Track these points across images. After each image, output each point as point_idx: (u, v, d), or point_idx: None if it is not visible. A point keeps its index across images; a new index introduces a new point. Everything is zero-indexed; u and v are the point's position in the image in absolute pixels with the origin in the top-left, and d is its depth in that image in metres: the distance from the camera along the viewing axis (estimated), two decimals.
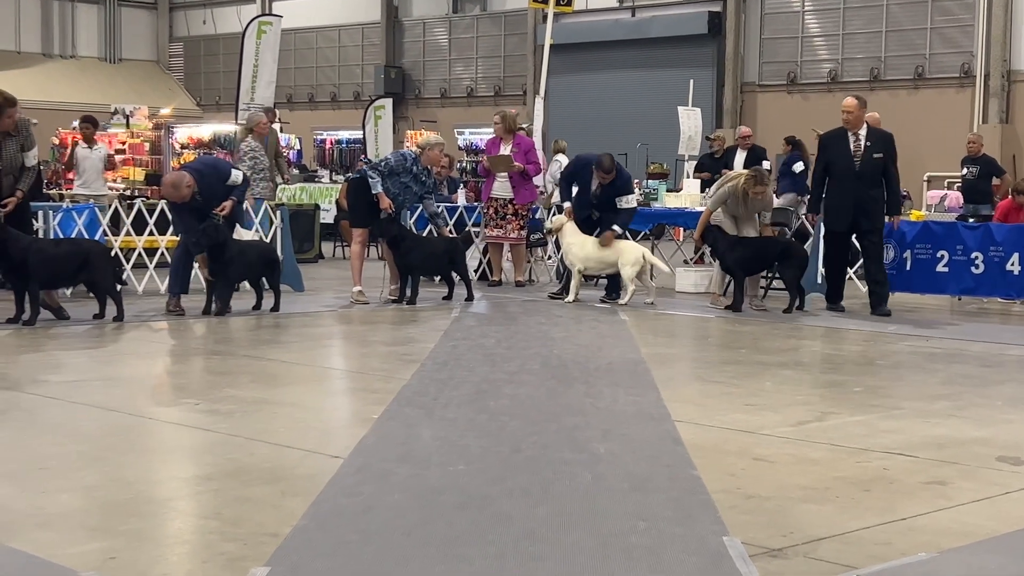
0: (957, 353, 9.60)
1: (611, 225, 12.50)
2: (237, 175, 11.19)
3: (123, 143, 21.29)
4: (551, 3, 19.38)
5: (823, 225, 12.41)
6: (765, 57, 30.13)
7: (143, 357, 9.11)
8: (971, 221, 14.34)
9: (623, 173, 12.90)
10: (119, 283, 10.73)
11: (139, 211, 13.04)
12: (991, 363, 9.14)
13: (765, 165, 16.14)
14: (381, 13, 37.39)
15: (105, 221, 12.69)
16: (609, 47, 31.86)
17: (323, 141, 33.21)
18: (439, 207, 13.21)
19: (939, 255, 12.57)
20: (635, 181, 14.08)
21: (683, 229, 17.18)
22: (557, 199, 15.62)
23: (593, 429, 6.20)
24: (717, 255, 12.62)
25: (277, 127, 20.58)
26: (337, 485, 4.98)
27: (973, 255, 12.41)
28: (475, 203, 16.45)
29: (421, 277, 12.97)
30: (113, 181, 19.09)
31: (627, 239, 12.96)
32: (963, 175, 17.92)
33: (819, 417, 6.75)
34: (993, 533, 4.50)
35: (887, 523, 4.59)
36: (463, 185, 19.68)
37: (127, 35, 42.14)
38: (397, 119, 28.11)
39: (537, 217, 15.58)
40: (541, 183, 16.09)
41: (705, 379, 8.37)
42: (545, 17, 21.53)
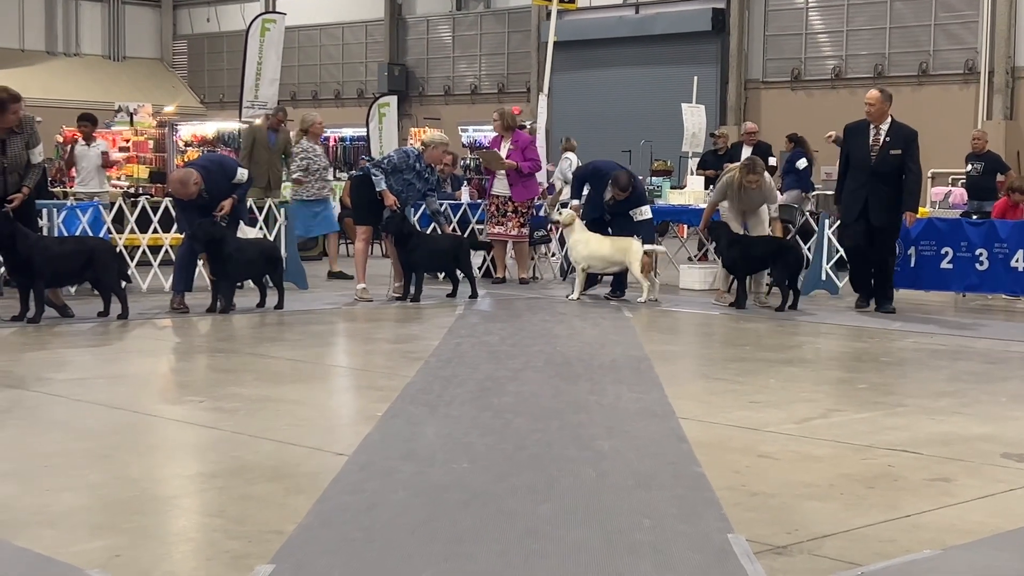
0: (961, 350, 9.59)
1: (632, 229, 12.64)
2: (243, 174, 11.20)
3: (127, 141, 21.33)
4: (555, 0, 19.34)
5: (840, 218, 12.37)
6: (769, 54, 30.10)
7: (147, 355, 9.12)
8: (975, 218, 14.33)
9: (638, 187, 13.00)
10: (124, 280, 10.74)
11: (143, 209, 13.05)
12: (995, 360, 9.13)
13: (771, 161, 16.14)
14: (385, 10, 37.39)
15: (109, 219, 12.70)
16: (613, 44, 31.83)
17: (327, 139, 33.25)
18: (442, 204, 13.21)
19: (943, 252, 12.55)
20: (639, 177, 14.06)
21: (687, 226, 17.16)
22: (565, 196, 15.61)
23: (597, 426, 6.20)
24: (718, 252, 12.64)
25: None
26: (341, 483, 4.98)
27: (977, 252, 12.39)
28: (479, 200, 16.44)
29: (425, 274, 12.99)
30: (117, 179, 19.12)
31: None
32: (968, 172, 17.90)
33: (823, 414, 6.74)
34: (998, 530, 4.50)
35: (892, 520, 4.59)
36: (467, 182, 19.67)
37: (131, 33, 42.16)
38: (401, 116, 28.05)
39: (541, 214, 15.57)
40: (545, 180, 16.08)
41: (709, 376, 8.37)
42: (549, 14, 21.52)
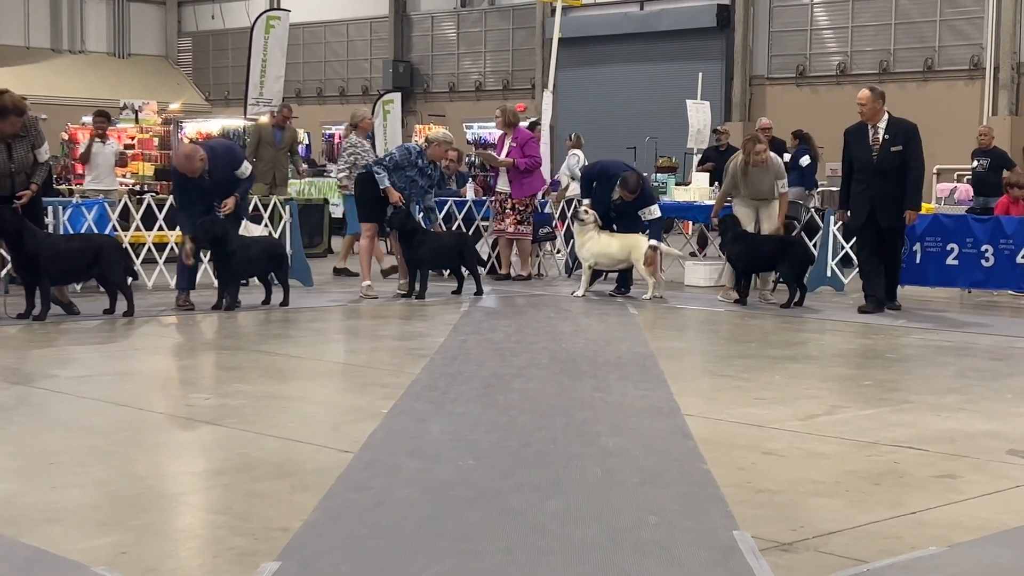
0: (967, 346, 9.58)
1: (639, 227, 12.72)
2: (246, 167, 11.22)
3: (132, 138, 21.36)
4: None
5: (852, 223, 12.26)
6: (774, 50, 30.06)
7: (153, 352, 9.13)
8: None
9: (646, 188, 13.02)
10: (130, 276, 10.75)
11: (148, 206, 13.06)
12: (1001, 356, 9.12)
13: (785, 157, 16.10)
14: (389, 7, 37.36)
15: (115, 216, 12.71)
16: (617, 40, 31.79)
17: (332, 136, 33.22)
18: (434, 202, 13.17)
19: (949, 248, 12.53)
20: (656, 200, 14.02)
21: (692, 223, 17.14)
22: (572, 193, 15.59)
23: (602, 423, 6.20)
24: (723, 246, 12.62)
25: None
26: (347, 480, 4.99)
27: (983, 248, 12.37)
28: (484, 197, 16.44)
29: (430, 271, 12.99)
30: (123, 176, 19.13)
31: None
32: (973, 168, 17.86)
33: (829, 411, 6.74)
34: (1004, 526, 4.49)
35: (897, 517, 4.58)
36: (471, 179, 19.66)
37: (136, 30, 42.18)
38: (405, 113, 28.04)
39: (546, 211, 15.56)
40: (548, 177, 16.07)
41: (715, 373, 8.36)
42: (553, 11, 21.49)
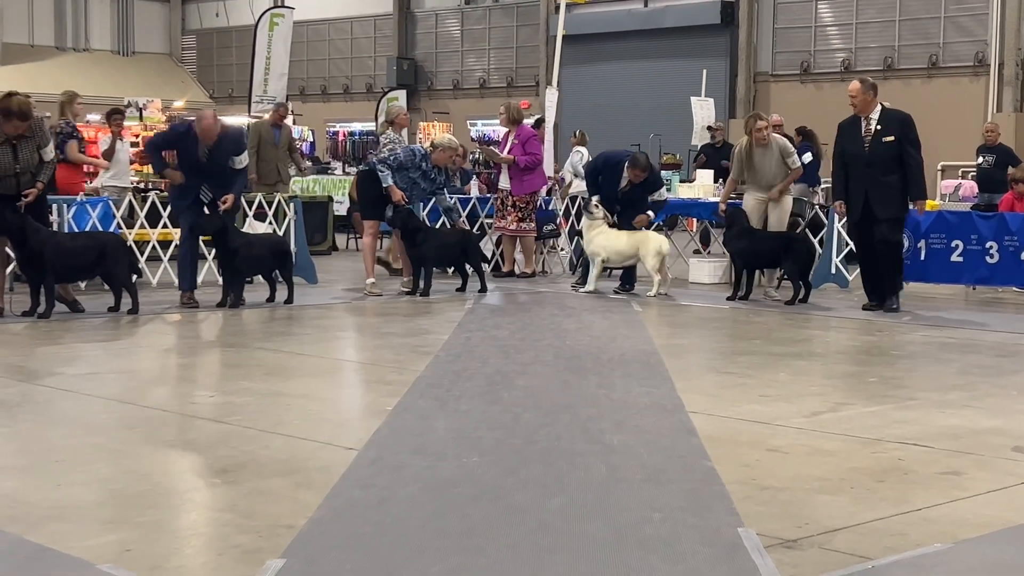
0: (972, 343, 9.57)
1: (645, 211, 12.74)
2: (244, 158, 11.27)
3: (136, 136, 21.34)
4: None
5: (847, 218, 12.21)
6: (778, 47, 30.02)
7: (158, 350, 9.14)
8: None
9: (653, 170, 13.04)
10: (134, 274, 10.76)
11: (152, 204, 13.07)
12: (1006, 353, 9.11)
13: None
14: (393, 4, 37.35)
15: (119, 214, 12.71)
16: (622, 37, 31.77)
17: (336, 133, 33.19)
18: (452, 200, 13.23)
19: (954, 244, 12.50)
20: (663, 184, 14.04)
21: (696, 220, 17.12)
22: (575, 190, 15.59)
23: (607, 420, 6.20)
24: (726, 240, 12.60)
25: (290, 120, 20.61)
26: (352, 477, 4.99)
27: (988, 245, 12.34)
28: (488, 195, 16.45)
29: (434, 269, 12.99)
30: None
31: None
32: (979, 164, 17.83)
33: (833, 408, 6.74)
34: (1009, 523, 4.49)
35: (902, 514, 4.58)
36: (476, 176, 19.66)
37: (140, 28, 42.19)
38: (410, 111, 28.04)
39: (550, 208, 15.56)
40: (552, 174, 16.07)
41: (719, 370, 8.36)
42: (557, 8, 21.52)
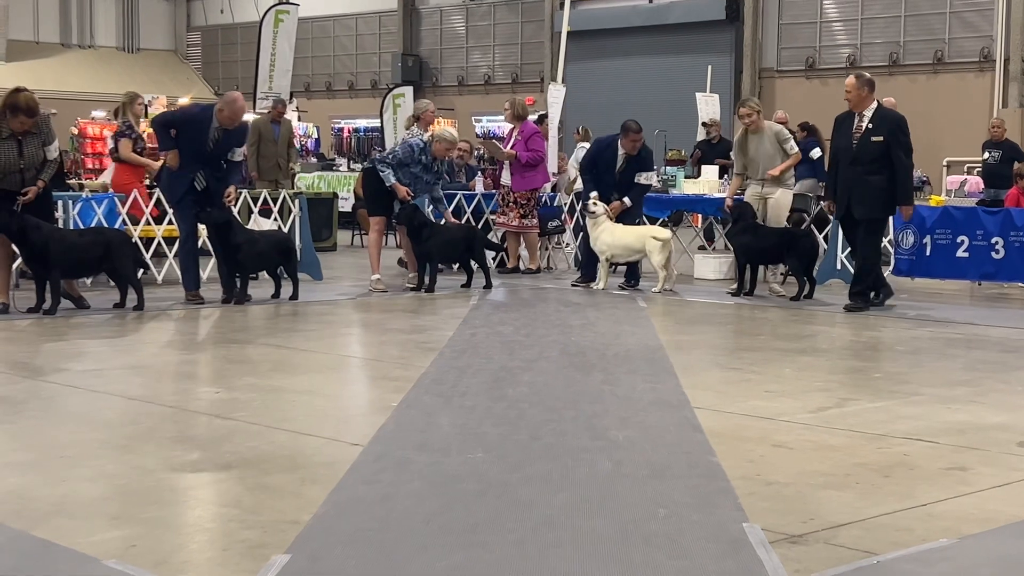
0: (977, 339, 9.56)
1: (621, 198, 12.75)
2: (243, 151, 11.32)
3: (142, 132, 21.32)
4: None
5: None
6: (783, 43, 29.99)
7: (163, 346, 9.15)
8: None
9: (646, 146, 13.00)
10: (141, 268, 10.77)
11: (158, 200, 13.07)
12: (1011, 348, 9.09)
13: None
14: (398, 1, 37.34)
15: (125, 210, 12.72)
16: (626, 34, 31.74)
17: (341, 129, 33.26)
18: (440, 192, 13.11)
19: (959, 240, 12.49)
20: (654, 168, 14.06)
21: (701, 216, 17.12)
22: (579, 186, 15.58)
23: (611, 416, 6.20)
24: (731, 235, 12.60)
25: (295, 116, 20.64)
26: (356, 473, 4.99)
27: (993, 240, 12.33)
28: (492, 191, 16.44)
29: (439, 265, 12.99)
30: None
31: (643, 223, 12.99)
32: (985, 159, 17.83)
33: (839, 403, 6.73)
34: (1014, 518, 4.48)
35: (907, 509, 4.58)
36: (480, 172, 19.65)
37: (145, 24, 42.21)
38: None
39: (555, 204, 15.55)
40: (555, 170, 16.06)
41: (724, 366, 8.35)
42: (562, 4, 21.48)
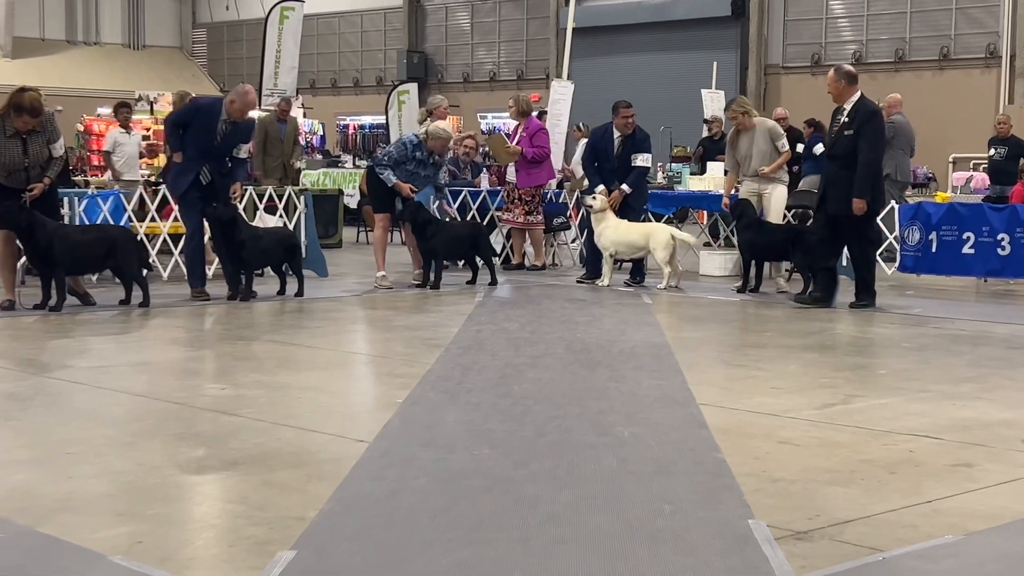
0: (983, 335, 9.55)
1: (620, 185, 12.69)
2: (246, 148, 11.27)
3: (147, 130, 21.40)
4: None
5: None
6: (789, 39, 29.95)
7: (169, 342, 9.16)
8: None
9: (641, 129, 12.92)
10: (145, 268, 10.78)
11: (164, 197, 13.08)
12: (1017, 345, 9.08)
13: (798, 148, 16.06)
14: None
15: (130, 207, 12.74)
16: (632, 30, 31.70)
17: (346, 126, 33.26)
18: (443, 180, 13.09)
19: (965, 236, 12.48)
20: (659, 164, 14.05)
21: (706, 212, 17.12)
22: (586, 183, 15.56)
23: (617, 413, 6.20)
24: (735, 231, 12.59)
25: (300, 112, 20.63)
26: (362, 469, 4.99)
27: (999, 236, 12.32)
28: (498, 187, 16.44)
29: (445, 262, 12.99)
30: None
31: (649, 220, 12.97)
32: (991, 156, 17.78)
33: (844, 400, 6.73)
34: (1020, 515, 4.48)
35: (913, 506, 4.57)
36: (486, 169, 19.65)
37: (151, 21, 42.25)
38: (421, 104, 28.03)
39: (560, 201, 15.55)
40: (559, 167, 16.07)
41: (729, 362, 8.35)
42: (567, 0, 21.45)
